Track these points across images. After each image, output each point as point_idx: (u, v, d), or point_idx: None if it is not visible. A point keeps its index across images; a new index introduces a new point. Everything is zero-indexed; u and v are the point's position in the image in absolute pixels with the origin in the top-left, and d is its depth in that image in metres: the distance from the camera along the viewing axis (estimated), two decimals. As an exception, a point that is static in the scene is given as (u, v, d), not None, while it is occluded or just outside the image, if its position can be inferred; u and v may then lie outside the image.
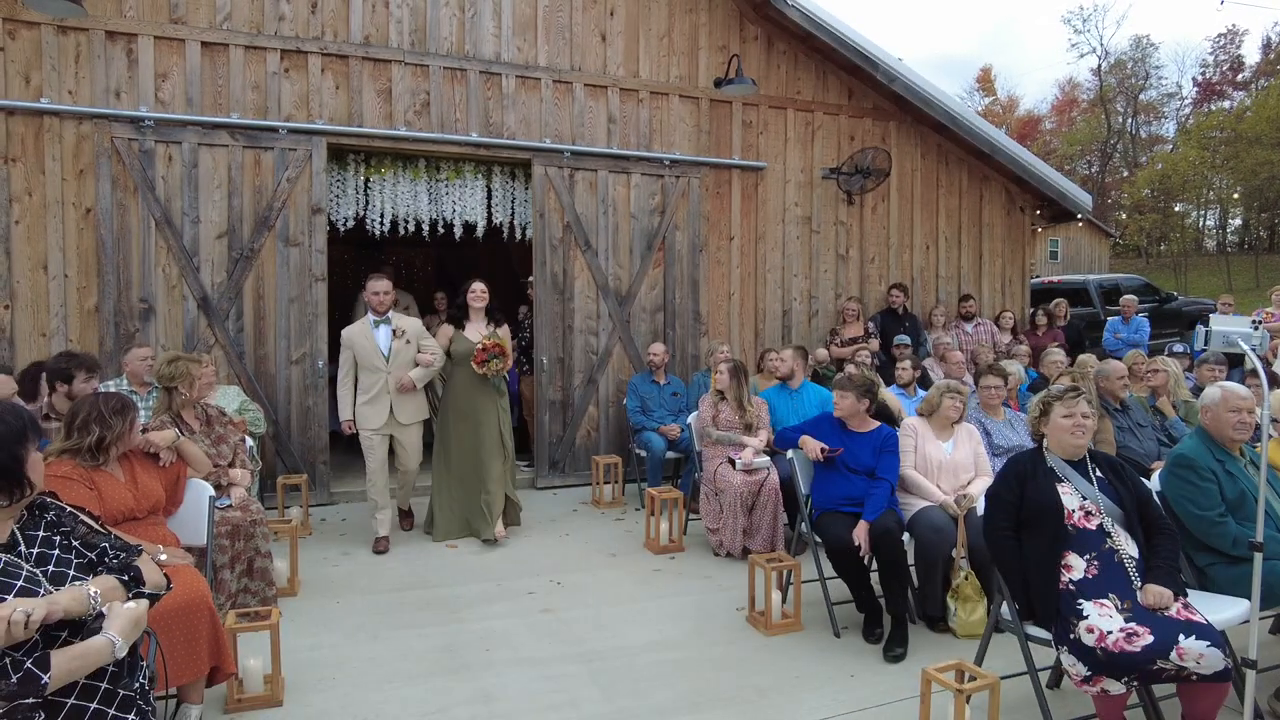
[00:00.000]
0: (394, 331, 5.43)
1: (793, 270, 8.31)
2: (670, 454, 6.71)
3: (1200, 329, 3.01)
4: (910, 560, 4.16)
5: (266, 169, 6.38)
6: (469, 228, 7.25)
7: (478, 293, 5.67)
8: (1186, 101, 41.41)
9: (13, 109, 5.72)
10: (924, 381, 6.78)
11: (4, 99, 5.69)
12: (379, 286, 5.45)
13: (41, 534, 2.02)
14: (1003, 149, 8.88)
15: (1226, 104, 36.85)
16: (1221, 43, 38.96)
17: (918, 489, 4.29)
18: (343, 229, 6.90)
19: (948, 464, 4.35)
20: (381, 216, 6.88)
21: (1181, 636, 2.64)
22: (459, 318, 5.70)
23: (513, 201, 7.35)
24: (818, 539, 4.25)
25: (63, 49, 5.84)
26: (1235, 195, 35.08)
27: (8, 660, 1.76)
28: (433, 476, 5.81)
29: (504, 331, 5.74)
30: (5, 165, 5.73)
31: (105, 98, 5.94)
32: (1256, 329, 2.93)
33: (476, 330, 5.62)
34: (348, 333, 5.45)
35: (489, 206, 7.27)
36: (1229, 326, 2.87)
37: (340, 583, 4.87)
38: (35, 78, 5.79)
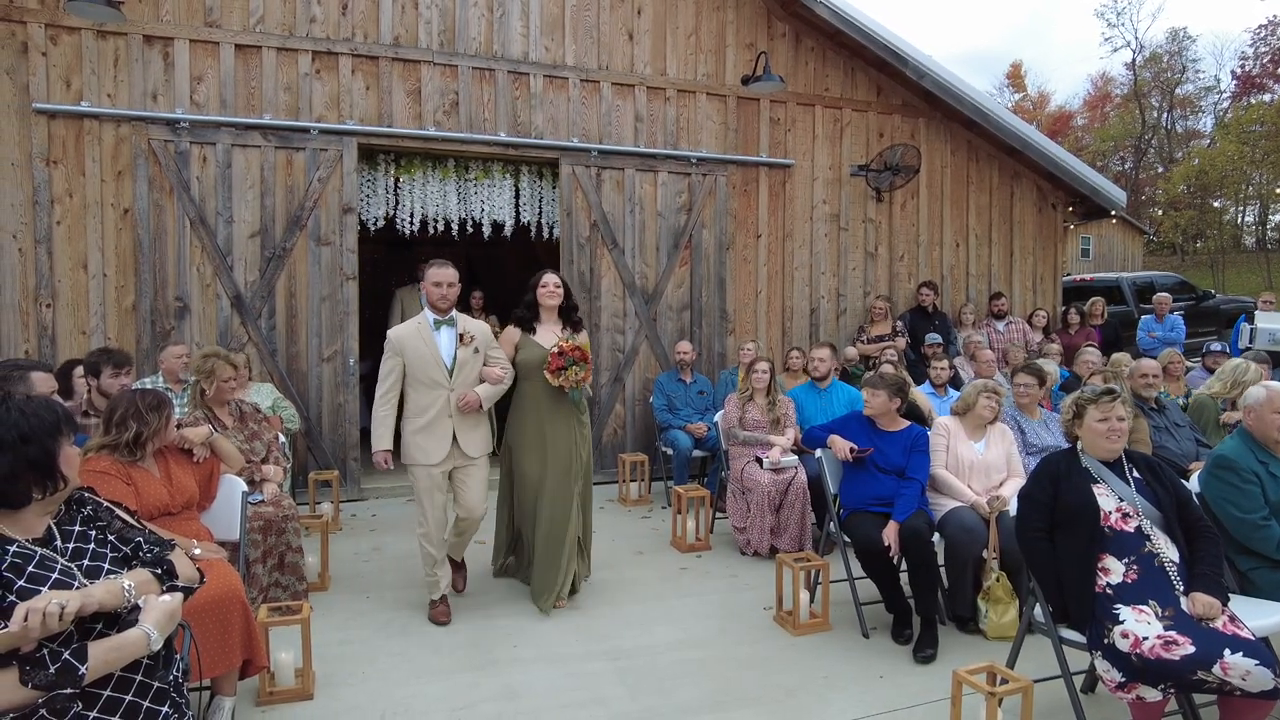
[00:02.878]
0: (460, 336, 4.18)
1: (820, 268, 8.26)
2: (697, 452, 6.69)
3: (1245, 326, 2.95)
4: (940, 561, 4.11)
5: (298, 169, 6.46)
6: (497, 227, 7.28)
7: (550, 288, 4.50)
8: (1225, 95, 40.47)
9: (54, 112, 5.86)
10: (955, 381, 6.70)
11: (47, 103, 5.82)
12: (443, 276, 4.18)
13: (78, 528, 2.06)
14: (1034, 145, 8.75)
15: (1267, 97, 35.93)
16: (1262, 34, 37.92)
17: (949, 489, 4.24)
18: (373, 228, 6.97)
19: (979, 464, 4.29)
20: (411, 216, 6.95)
21: (1227, 651, 2.55)
22: (527, 320, 4.54)
23: (540, 200, 7.38)
24: (846, 539, 4.22)
25: (102, 53, 5.96)
26: (1278, 191, 34.20)
27: (46, 651, 1.80)
28: (497, 513, 4.82)
29: (583, 338, 4.55)
30: (47, 167, 5.87)
31: (143, 100, 6.06)
32: (1302, 327, 2.85)
33: (550, 334, 4.48)
34: (398, 335, 4.17)
35: (517, 206, 7.31)
36: (1275, 324, 2.79)
37: (370, 578, 4.92)
38: (76, 82, 5.91)
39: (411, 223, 6.97)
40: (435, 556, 4.24)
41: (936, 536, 4.04)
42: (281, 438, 5.04)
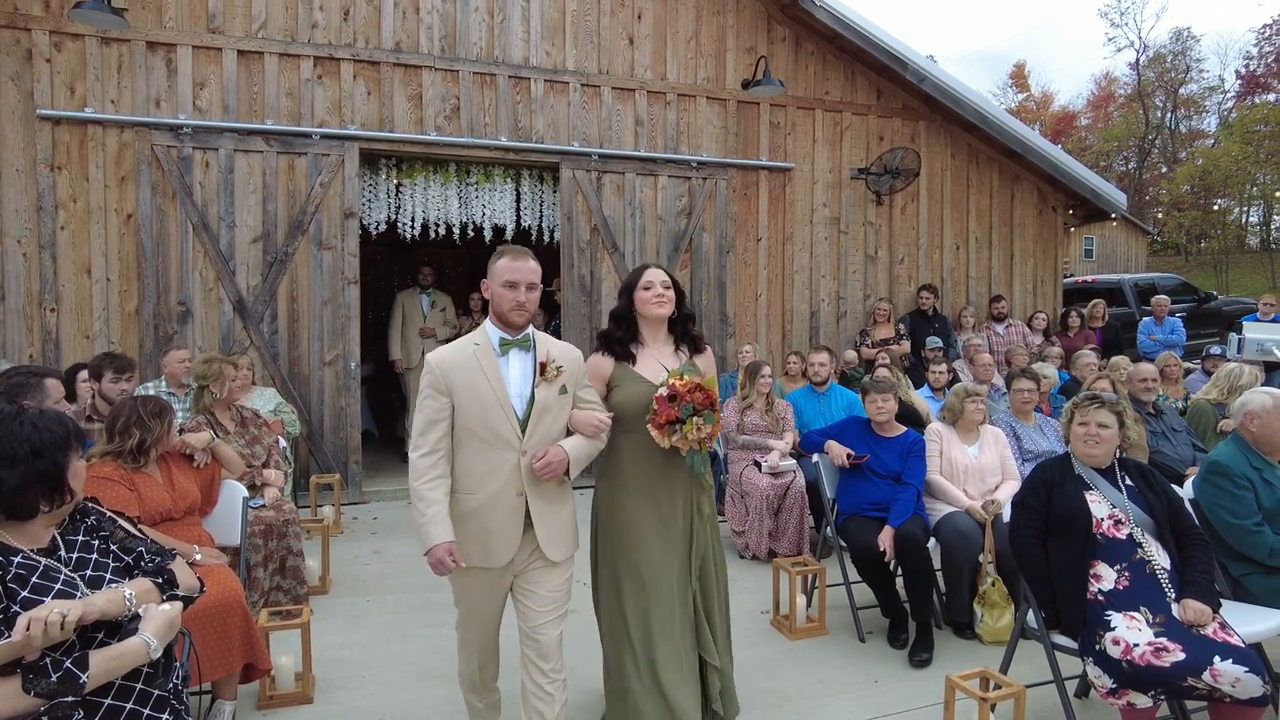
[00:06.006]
0: (541, 367, 2.70)
1: (820, 271, 8.28)
2: (697, 456, 6.69)
3: (1233, 336, 2.96)
4: (936, 565, 4.14)
5: (300, 174, 6.50)
6: (498, 231, 7.32)
7: (658, 289, 2.96)
8: (1229, 95, 40.39)
9: (59, 118, 5.90)
10: (955, 384, 6.72)
11: (51, 109, 5.87)
12: (519, 272, 2.65)
13: (81, 538, 2.10)
14: (1034, 148, 8.76)
15: (1271, 97, 35.86)
16: (1267, 34, 37.85)
17: (944, 494, 4.26)
18: (374, 232, 7.01)
19: (974, 468, 4.32)
20: (412, 220, 6.98)
21: (1217, 658, 2.57)
22: (622, 342, 3.01)
23: (541, 205, 7.42)
24: (843, 543, 4.24)
25: (106, 60, 6.01)
26: (1277, 195, 34.13)
27: (48, 660, 1.84)
28: (604, 634, 3.15)
29: (706, 362, 3.08)
30: (51, 173, 5.91)
31: (146, 106, 6.10)
32: (1292, 336, 2.86)
33: (657, 361, 2.99)
34: (443, 362, 2.65)
35: (518, 209, 7.34)
36: (1263, 334, 2.81)
37: (371, 581, 4.95)
38: (80, 88, 5.96)
39: (413, 227, 7.00)
40: (480, 711, 2.92)
41: (932, 541, 4.07)
42: (282, 442, 5.08)
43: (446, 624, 4.28)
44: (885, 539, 3.92)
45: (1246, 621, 2.99)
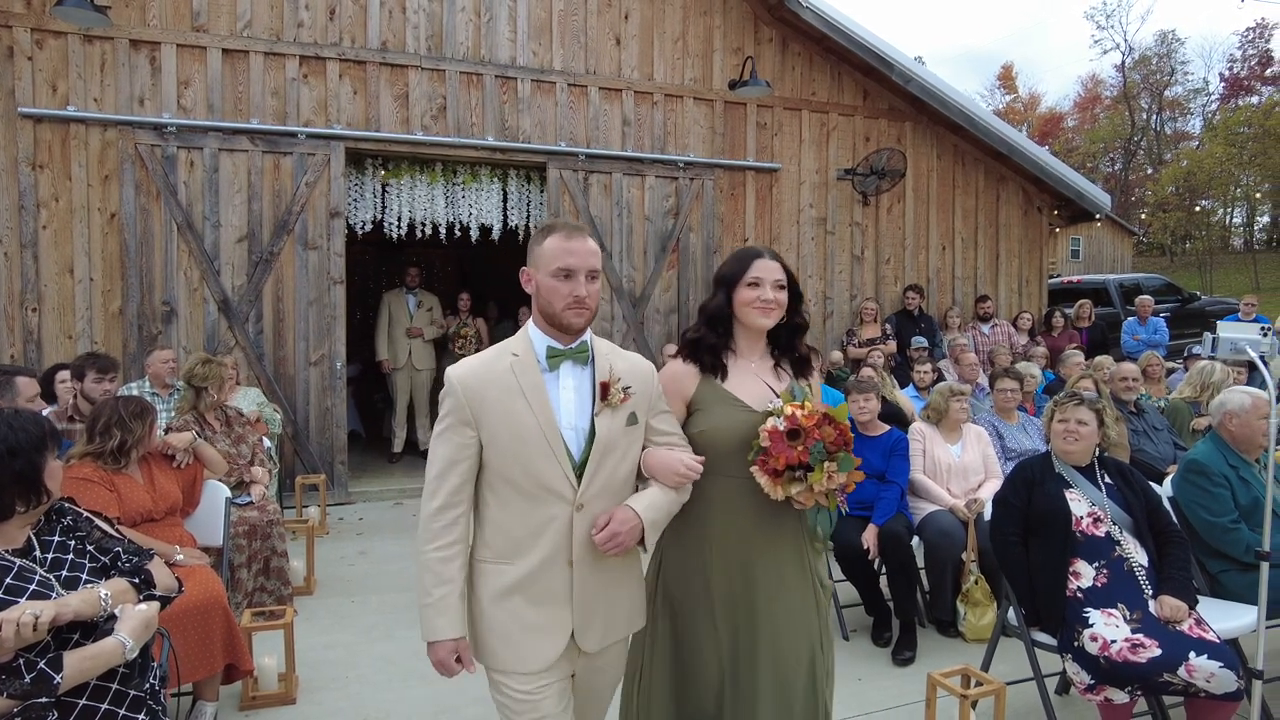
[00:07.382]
0: (603, 388, 1.96)
1: (807, 272, 8.30)
2: (683, 456, 6.69)
3: (1207, 335, 2.98)
4: (920, 564, 4.16)
5: (285, 174, 6.47)
6: (485, 230, 7.30)
7: (767, 290, 2.14)
8: (1213, 97, 40.80)
9: (41, 116, 5.86)
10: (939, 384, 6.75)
11: (33, 107, 5.82)
12: (574, 255, 1.91)
13: (57, 539, 2.09)
14: (1019, 149, 8.82)
15: (1254, 99, 36.23)
16: (1250, 37, 38.27)
17: (927, 493, 4.29)
18: (360, 232, 6.98)
19: (957, 467, 4.35)
20: (399, 220, 6.97)
21: (1193, 654, 2.60)
22: (713, 349, 2.20)
23: (528, 204, 7.41)
24: (828, 542, 4.25)
25: (88, 58, 5.97)
26: (1258, 196, 34.52)
27: (21, 661, 1.83)
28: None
29: (817, 384, 2.35)
30: (33, 172, 5.87)
31: (129, 105, 6.06)
32: (1266, 335, 2.90)
33: (755, 376, 2.20)
34: (468, 380, 1.91)
35: (505, 209, 7.33)
36: (1237, 334, 2.84)
37: (355, 582, 4.94)
38: (62, 86, 5.91)
39: (399, 226, 6.99)
40: None
41: (916, 540, 4.09)
42: (267, 441, 5.06)
43: (431, 624, 4.29)
44: (869, 537, 3.94)
45: (1222, 618, 3.02)
